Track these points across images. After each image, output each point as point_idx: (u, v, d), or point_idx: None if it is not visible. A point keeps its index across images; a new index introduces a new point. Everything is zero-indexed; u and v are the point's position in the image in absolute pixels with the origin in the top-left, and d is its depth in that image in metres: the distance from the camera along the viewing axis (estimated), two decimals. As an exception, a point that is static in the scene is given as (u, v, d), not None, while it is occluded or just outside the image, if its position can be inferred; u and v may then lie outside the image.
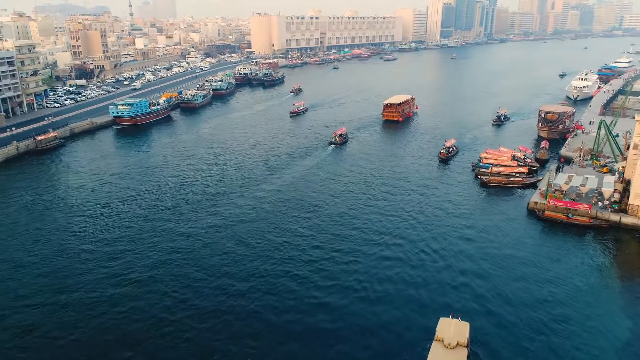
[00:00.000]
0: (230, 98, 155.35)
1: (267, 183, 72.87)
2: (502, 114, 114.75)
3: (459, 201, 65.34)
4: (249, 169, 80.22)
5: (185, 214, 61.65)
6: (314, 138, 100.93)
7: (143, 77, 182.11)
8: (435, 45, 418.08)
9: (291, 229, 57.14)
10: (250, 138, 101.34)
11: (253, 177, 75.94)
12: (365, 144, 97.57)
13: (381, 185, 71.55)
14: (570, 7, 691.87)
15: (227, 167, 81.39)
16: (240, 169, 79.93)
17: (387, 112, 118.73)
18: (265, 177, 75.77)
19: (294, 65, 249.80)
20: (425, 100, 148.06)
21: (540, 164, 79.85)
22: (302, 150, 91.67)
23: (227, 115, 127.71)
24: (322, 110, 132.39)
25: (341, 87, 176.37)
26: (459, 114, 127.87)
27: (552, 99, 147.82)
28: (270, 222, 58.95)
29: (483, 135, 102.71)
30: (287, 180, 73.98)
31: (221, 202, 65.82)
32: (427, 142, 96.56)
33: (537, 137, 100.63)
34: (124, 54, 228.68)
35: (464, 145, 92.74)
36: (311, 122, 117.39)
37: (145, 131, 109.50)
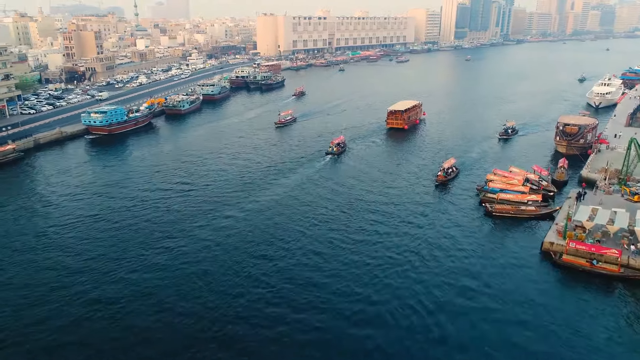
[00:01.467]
0: (223, 103, 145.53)
1: (236, 208, 62.42)
2: (509, 126, 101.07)
3: (458, 237, 54.10)
4: (220, 189, 69.89)
5: (128, 252, 51.47)
6: (303, 151, 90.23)
7: (136, 79, 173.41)
8: (449, 47, 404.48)
9: (250, 275, 46.57)
10: (231, 151, 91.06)
11: (223, 199, 65.59)
12: (362, 157, 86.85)
13: (369, 213, 60.57)
14: (591, 7, 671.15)
15: (195, 186, 71.15)
16: (210, 190, 69.65)
17: (392, 119, 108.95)
18: (237, 200, 65.36)
19: (297, 67, 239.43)
20: (434, 105, 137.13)
21: (557, 187, 68.14)
22: (289, 165, 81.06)
23: (215, 123, 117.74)
24: (318, 118, 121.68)
25: (344, 91, 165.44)
26: (468, 123, 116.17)
27: (570, 106, 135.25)
28: (226, 265, 48.43)
29: (492, 150, 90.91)
30: (261, 204, 63.43)
31: (176, 233, 55.57)
32: (429, 158, 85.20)
33: (554, 152, 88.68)
34: (122, 56, 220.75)
35: (469, 163, 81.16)
36: (304, 131, 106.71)
37: (121, 141, 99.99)
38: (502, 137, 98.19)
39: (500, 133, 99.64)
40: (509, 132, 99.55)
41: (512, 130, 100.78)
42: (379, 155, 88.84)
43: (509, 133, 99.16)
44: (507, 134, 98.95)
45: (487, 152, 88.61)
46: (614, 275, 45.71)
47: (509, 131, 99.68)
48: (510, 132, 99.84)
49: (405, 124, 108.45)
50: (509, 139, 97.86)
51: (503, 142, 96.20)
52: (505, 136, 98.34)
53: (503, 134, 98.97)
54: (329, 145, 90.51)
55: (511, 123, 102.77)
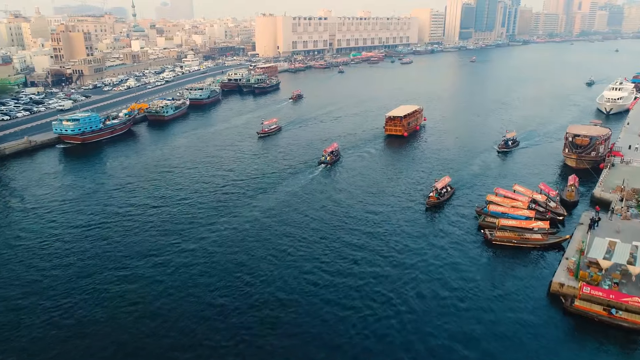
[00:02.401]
0: (212, 108, 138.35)
1: (194, 238, 55.12)
2: (509, 138, 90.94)
3: (451, 274, 46.55)
4: (192, 208, 62.63)
5: (76, 284, 44.35)
6: (290, 163, 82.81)
7: (124, 82, 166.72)
8: (453, 48, 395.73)
9: (195, 334, 39.23)
10: (211, 162, 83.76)
11: (192, 222, 58.32)
12: (354, 169, 79.56)
13: (350, 245, 53.01)
14: (598, 7, 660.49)
15: (164, 203, 63.92)
16: (180, 209, 62.38)
17: (390, 125, 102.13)
18: (206, 223, 58.08)
19: (295, 69, 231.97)
20: (435, 110, 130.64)
21: (567, 208, 60.45)
22: (275, 178, 73.67)
23: (200, 131, 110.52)
24: (311, 126, 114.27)
25: (341, 95, 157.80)
26: (469, 130, 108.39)
27: (579, 112, 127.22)
28: (171, 314, 41.12)
29: (494, 163, 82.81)
30: (230, 231, 56.06)
31: (129, 265, 48.42)
32: (425, 171, 77.52)
33: (562, 165, 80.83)
34: (115, 57, 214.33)
35: (468, 179, 73.35)
36: (293, 140, 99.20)
37: (95, 151, 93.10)
38: (501, 150, 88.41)
39: (500, 145, 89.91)
40: (509, 144, 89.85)
41: (513, 142, 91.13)
42: (372, 167, 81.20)
43: (509, 145, 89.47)
44: (507, 146, 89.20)
45: (489, 166, 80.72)
46: (636, 328, 38.05)
47: (509, 143, 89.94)
48: (511, 144, 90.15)
49: (404, 130, 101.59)
50: (510, 152, 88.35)
51: (503, 156, 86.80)
52: (506, 149, 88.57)
53: (503, 147, 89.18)
54: (322, 154, 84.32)
55: (512, 134, 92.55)
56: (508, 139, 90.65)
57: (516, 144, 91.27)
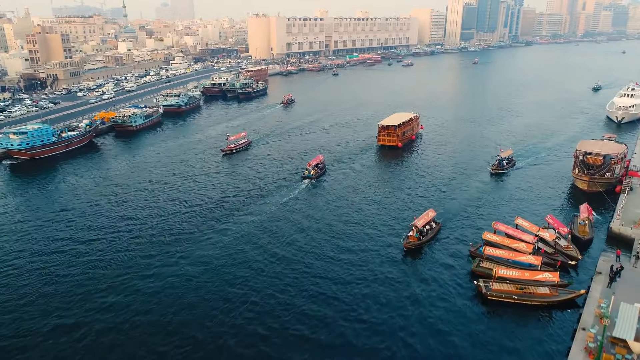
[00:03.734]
0: (190, 116, 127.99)
1: (128, 290, 44.89)
2: (504, 157, 78.61)
3: (433, 344, 36.16)
4: (140, 240, 52.44)
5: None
6: (259, 183, 72.49)
7: (101, 87, 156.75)
8: (454, 49, 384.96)
9: None
10: (176, 182, 73.49)
11: (120, 267, 48.06)
12: (336, 190, 69.58)
13: (313, 299, 42.62)
14: (603, 7, 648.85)
15: (108, 233, 53.66)
16: (125, 241, 52.17)
17: (383, 135, 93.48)
18: (141, 269, 47.78)
19: (287, 72, 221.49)
20: (433, 118, 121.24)
21: (580, 248, 49.88)
22: (240, 201, 63.38)
23: (170, 143, 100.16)
24: (294, 137, 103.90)
25: (331, 101, 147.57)
26: (467, 143, 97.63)
27: (588, 121, 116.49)
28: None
29: (493, 186, 71.99)
30: (176, 273, 45.83)
31: (51, 318, 38.18)
32: (414, 196, 66.99)
33: (571, 188, 70.13)
34: (97, 60, 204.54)
35: (460, 206, 62.56)
36: (267, 155, 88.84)
37: (46, 168, 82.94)
38: (495, 172, 75.85)
39: (494, 166, 77.28)
40: (504, 164, 77.48)
41: (509, 162, 78.98)
42: (357, 187, 70.73)
43: (504, 166, 77.11)
44: (501, 166, 76.79)
45: (486, 189, 69.77)
46: None
47: (504, 163, 77.61)
48: (507, 165, 77.91)
49: (399, 141, 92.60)
50: (505, 173, 75.74)
51: (497, 178, 74.22)
52: (500, 169, 76.11)
53: (497, 168, 76.58)
54: (306, 167, 75.71)
55: (507, 152, 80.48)
56: (503, 159, 78.35)
57: (512, 164, 79.09)
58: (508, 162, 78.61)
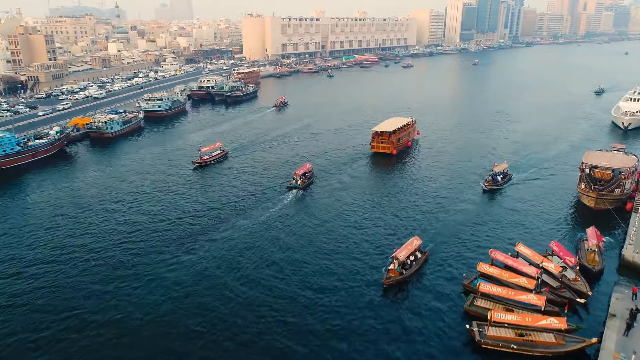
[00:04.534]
0: (173, 122, 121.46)
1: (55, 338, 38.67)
2: (498, 172, 70.61)
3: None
4: (100, 264, 46.21)
5: None
6: (233, 199, 66.16)
7: (84, 90, 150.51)
8: (453, 50, 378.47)
9: None
10: (133, 199, 67.22)
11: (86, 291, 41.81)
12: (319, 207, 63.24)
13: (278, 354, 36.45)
14: (604, 7, 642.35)
15: (64, 257, 47.42)
16: (80, 269, 45.93)
17: (377, 142, 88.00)
18: (94, 298, 41.57)
19: (280, 74, 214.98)
20: (431, 122, 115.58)
21: (589, 280, 43.59)
22: (214, 217, 57.13)
23: (145, 151, 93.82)
24: (280, 145, 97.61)
25: (323, 105, 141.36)
26: (465, 151, 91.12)
27: (592, 127, 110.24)
28: None
29: (489, 206, 65.38)
30: (117, 316, 39.62)
31: None
32: (401, 215, 60.77)
33: (576, 204, 63.84)
34: (84, 62, 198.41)
35: (452, 230, 55.88)
36: (248, 166, 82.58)
37: (7, 180, 76.71)
38: (488, 188, 68.18)
39: (487, 182, 69.32)
40: (498, 179, 69.63)
41: (504, 177, 70.90)
42: (344, 202, 64.42)
43: (498, 181, 69.37)
44: (495, 182, 69.13)
45: (482, 208, 63.34)
46: None
47: (498, 178, 69.72)
48: (501, 180, 69.97)
49: (393, 148, 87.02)
50: (499, 190, 68.06)
51: (491, 195, 66.60)
52: (494, 186, 68.58)
53: (490, 184, 68.80)
54: (292, 177, 70.54)
55: (501, 166, 72.03)
56: (497, 174, 70.20)
57: (508, 179, 71.25)
58: (503, 177, 70.62)
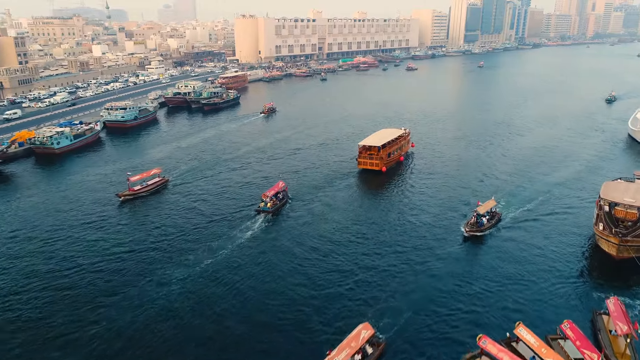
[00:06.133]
0: (138, 134, 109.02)
1: None
2: (484, 212, 54.47)
3: None
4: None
5: None
6: (182, 230, 54.13)
7: (52, 97, 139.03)
8: (457, 52, 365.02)
9: None
10: (58, 234, 55.28)
11: None
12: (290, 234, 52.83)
13: None
14: (614, 8, 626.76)
15: None
16: None
17: (364, 157, 77.36)
18: None
19: (270, 78, 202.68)
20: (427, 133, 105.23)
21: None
22: (157, 255, 45.05)
23: (94, 170, 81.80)
24: (252, 162, 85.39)
25: (309, 114, 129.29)
26: (458, 173, 78.44)
27: (605, 143, 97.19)
28: None
29: (472, 260, 51.18)
30: None
31: None
32: (365, 283, 48.46)
33: (591, 249, 51.22)
34: (60, 65, 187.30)
35: (421, 305, 43.36)
36: (212, 188, 70.60)
37: None
38: (470, 234, 52.86)
39: (469, 225, 53.91)
40: (483, 222, 53.91)
41: (491, 218, 55.43)
42: (311, 236, 52.54)
43: (483, 224, 53.73)
44: (480, 225, 53.43)
45: (464, 264, 50.07)
46: None
47: (483, 221, 53.95)
48: (487, 222, 54.19)
49: (382, 164, 76.20)
50: (487, 236, 52.81)
51: (473, 244, 51.37)
52: (478, 231, 52.91)
53: (474, 228, 53.22)
54: (261, 198, 61.54)
55: (488, 205, 55.93)
56: (481, 215, 54.49)
57: (496, 220, 56.00)
58: (490, 219, 55.51)
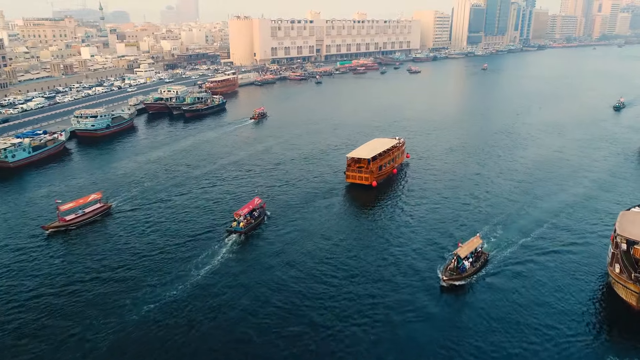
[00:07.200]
0: (110, 144, 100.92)
1: None
2: (466, 255, 43.89)
3: None
4: None
5: None
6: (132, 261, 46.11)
7: (28, 102, 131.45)
8: (459, 54, 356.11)
9: None
10: None
11: None
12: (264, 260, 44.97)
13: None
14: (620, 9, 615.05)
15: None
16: None
17: (353, 170, 70.31)
18: None
19: (262, 82, 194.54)
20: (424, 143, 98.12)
21: None
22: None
23: (50, 190, 74.15)
24: (225, 179, 77.33)
25: (298, 122, 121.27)
26: (451, 193, 70.13)
27: (617, 158, 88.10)
28: None
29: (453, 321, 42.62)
30: None
31: None
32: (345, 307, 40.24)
33: (604, 296, 42.80)
34: (44, 69, 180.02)
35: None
36: (173, 212, 62.54)
37: None
38: (449, 284, 42.55)
39: (447, 273, 43.60)
40: (465, 266, 43.51)
41: (477, 259, 45.61)
42: (287, 263, 44.08)
43: (465, 269, 43.46)
44: (462, 270, 43.33)
45: (443, 329, 41.82)
46: None
47: (465, 265, 43.56)
48: (471, 267, 44.19)
49: (373, 178, 68.93)
50: (472, 286, 42.78)
51: (449, 297, 41.40)
52: (461, 278, 42.94)
53: (453, 276, 43.03)
54: (233, 217, 55.35)
55: (470, 245, 44.99)
56: (462, 259, 43.62)
57: (482, 264, 45.87)
58: (474, 261, 45.38)
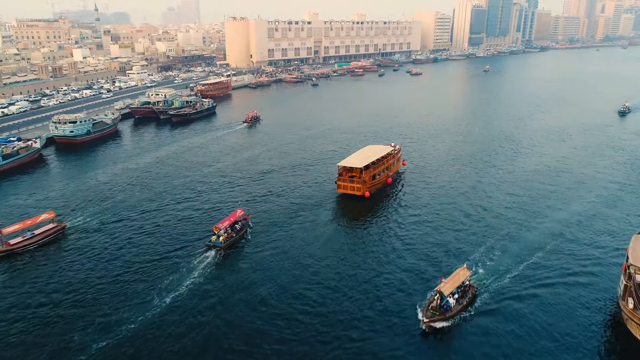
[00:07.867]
0: (90, 151, 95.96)
1: None
2: (450, 292, 38.01)
3: None
4: None
5: None
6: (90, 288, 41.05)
7: (11, 106, 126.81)
8: (460, 55, 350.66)
9: None
10: None
11: None
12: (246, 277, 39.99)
13: None
14: (624, 10, 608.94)
15: None
16: None
17: (344, 180, 65.55)
18: None
19: (257, 84, 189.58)
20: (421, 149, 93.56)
21: None
22: None
23: (13, 204, 69.36)
24: (206, 191, 72.18)
25: (292, 126, 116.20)
26: (447, 210, 64.93)
27: (625, 167, 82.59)
28: None
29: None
30: None
31: None
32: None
33: (613, 336, 37.46)
34: (32, 71, 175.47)
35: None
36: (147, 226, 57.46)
37: None
38: (429, 327, 36.73)
39: (429, 312, 37.73)
40: (449, 304, 38.24)
41: (464, 294, 40.09)
42: (269, 283, 38.95)
43: (449, 307, 38.16)
44: (446, 309, 37.85)
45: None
46: None
47: (449, 303, 38.20)
48: (456, 304, 38.72)
49: (366, 188, 64.44)
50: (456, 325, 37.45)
51: (431, 343, 36.07)
52: (442, 319, 37.27)
53: (435, 316, 37.29)
54: (212, 231, 51.69)
55: (457, 277, 39.56)
56: (447, 297, 38.02)
57: (469, 301, 39.88)
58: (461, 297, 39.71)
